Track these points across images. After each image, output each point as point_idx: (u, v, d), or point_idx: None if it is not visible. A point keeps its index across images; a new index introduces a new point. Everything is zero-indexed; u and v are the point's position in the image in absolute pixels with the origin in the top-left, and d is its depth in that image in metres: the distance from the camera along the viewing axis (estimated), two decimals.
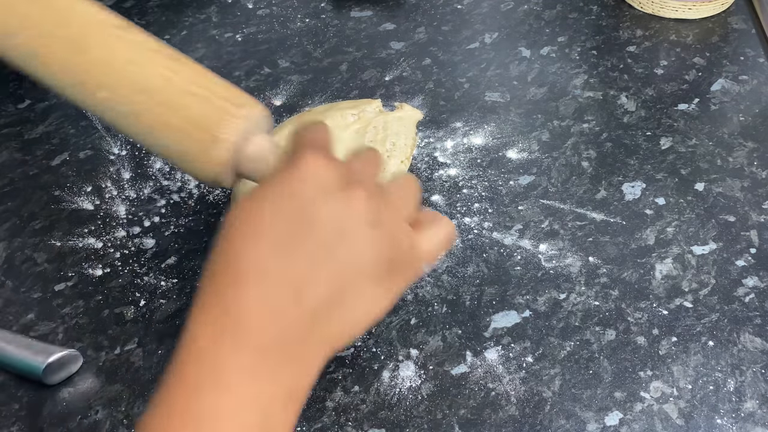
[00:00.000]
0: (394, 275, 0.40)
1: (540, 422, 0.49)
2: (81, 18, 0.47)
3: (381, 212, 0.39)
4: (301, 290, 0.37)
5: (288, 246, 0.37)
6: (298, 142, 0.42)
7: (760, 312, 0.54)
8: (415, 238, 0.41)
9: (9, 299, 0.58)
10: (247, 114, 0.45)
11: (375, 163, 0.43)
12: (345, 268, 0.38)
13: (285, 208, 0.38)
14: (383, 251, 0.39)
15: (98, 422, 0.51)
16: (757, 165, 0.64)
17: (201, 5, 0.83)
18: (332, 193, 0.39)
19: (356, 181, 0.40)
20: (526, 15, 0.80)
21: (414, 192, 0.43)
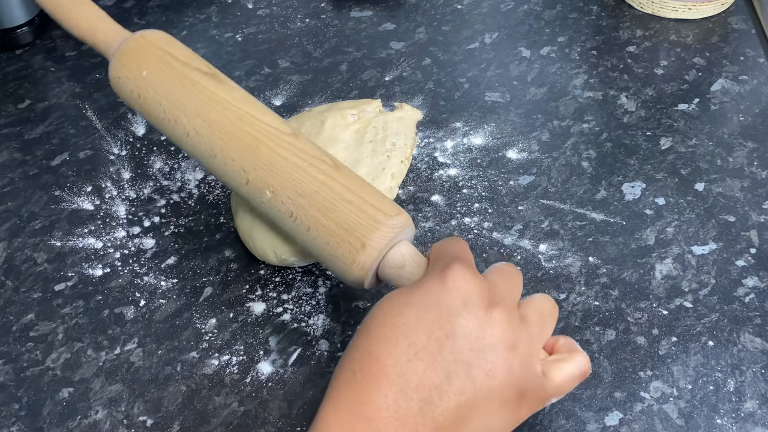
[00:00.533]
0: (522, 401, 0.40)
1: (540, 422, 0.49)
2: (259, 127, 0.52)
3: (518, 336, 0.40)
4: (432, 401, 0.38)
5: (426, 355, 0.38)
6: (445, 253, 0.43)
7: (760, 312, 0.54)
8: (548, 367, 0.42)
9: (9, 299, 0.58)
10: (394, 224, 0.48)
11: (518, 284, 0.43)
12: (477, 386, 0.38)
13: (428, 317, 0.39)
14: (516, 376, 0.39)
15: (98, 422, 0.51)
16: (757, 165, 0.64)
17: (201, 5, 0.83)
18: (475, 310, 0.39)
19: (499, 301, 0.40)
20: (526, 15, 0.80)
21: (553, 318, 0.43)
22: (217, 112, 0.53)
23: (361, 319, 0.55)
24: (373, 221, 0.48)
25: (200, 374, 0.53)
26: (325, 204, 0.49)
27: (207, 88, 0.54)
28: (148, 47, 0.56)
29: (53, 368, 0.54)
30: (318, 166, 0.50)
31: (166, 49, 0.56)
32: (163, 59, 0.56)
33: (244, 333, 0.55)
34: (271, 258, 0.57)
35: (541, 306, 0.43)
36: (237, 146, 0.52)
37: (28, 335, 0.56)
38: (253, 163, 0.51)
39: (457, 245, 0.44)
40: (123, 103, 0.72)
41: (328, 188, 0.49)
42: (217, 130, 0.52)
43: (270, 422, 0.50)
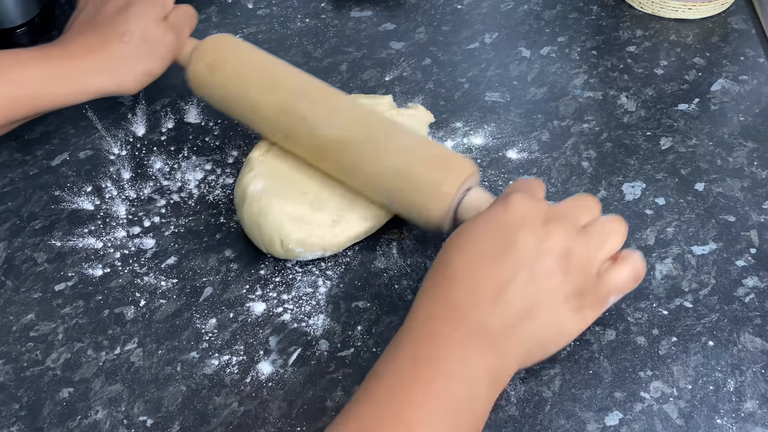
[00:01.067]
0: (584, 302, 0.47)
1: (540, 422, 0.49)
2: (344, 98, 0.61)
3: (575, 245, 0.47)
4: (501, 293, 0.45)
5: (492, 258, 0.45)
6: (512, 188, 0.51)
7: (760, 312, 0.54)
8: (605, 272, 0.48)
9: (9, 299, 0.58)
10: (472, 163, 0.55)
11: (587, 206, 0.50)
12: (538, 285, 0.45)
13: (492, 230, 0.47)
14: (572, 276, 0.46)
15: (98, 422, 0.51)
16: (757, 165, 0.64)
17: (201, 5, 0.83)
18: (533, 224, 0.46)
19: (556, 218, 0.47)
20: (526, 15, 0.80)
21: (617, 233, 0.49)
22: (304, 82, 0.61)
23: (361, 319, 0.55)
24: (447, 171, 0.54)
25: (200, 374, 0.53)
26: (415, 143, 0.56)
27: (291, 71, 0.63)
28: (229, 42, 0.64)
29: (53, 368, 0.54)
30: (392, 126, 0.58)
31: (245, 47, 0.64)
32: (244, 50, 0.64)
33: (244, 333, 0.55)
34: (277, 248, 0.57)
35: (605, 224, 0.49)
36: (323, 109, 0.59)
37: (28, 335, 0.56)
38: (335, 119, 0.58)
39: (526, 182, 0.51)
40: (123, 102, 0.72)
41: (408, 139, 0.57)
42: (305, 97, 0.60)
43: (270, 422, 0.50)
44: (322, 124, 0.58)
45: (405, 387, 0.42)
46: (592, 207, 0.50)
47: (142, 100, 0.72)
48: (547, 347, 0.48)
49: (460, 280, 0.46)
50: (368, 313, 0.56)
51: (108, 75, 0.61)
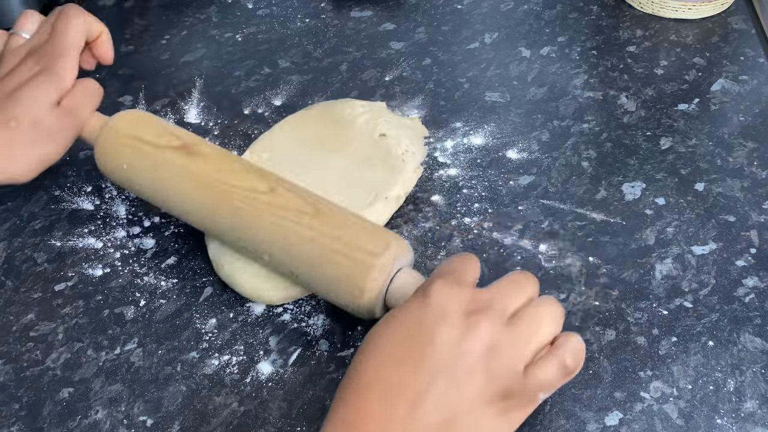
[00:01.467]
0: (509, 402, 0.42)
1: (540, 422, 0.49)
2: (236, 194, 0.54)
3: (500, 339, 0.42)
4: (417, 404, 0.40)
5: (408, 364, 0.41)
6: (438, 271, 0.46)
7: (760, 312, 0.54)
8: (532, 368, 0.43)
9: (9, 299, 0.58)
10: (383, 263, 0.49)
11: (519, 290, 0.45)
12: (459, 392, 0.41)
13: (408, 330, 0.42)
14: (495, 377, 0.42)
15: (98, 422, 0.51)
16: (757, 165, 0.64)
17: (201, 5, 0.83)
18: (453, 319, 0.42)
19: (481, 309, 0.42)
20: (526, 15, 0.80)
21: (551, 318, 0.44)
22: (194, 189, 0.55)
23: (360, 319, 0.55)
24: (364, 267, 0.49)
25: (200, 374, 0.53)
26: (318, 260, 0.51)
27: (178, 164, 0.56)
28: (117, 139, 0.58)
29: (53, 368, 0.54)
30: (301, 220, 0.52)
31: (134, 134, 0.58)
32: (134, 146, 0.58)
33: (244, 333, 0.55)
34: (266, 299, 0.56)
35: (537, 309, 0.44)
36: (222, 220, 0.54)
37: (28, 335, 0.56)
38: (241, 232, 0.54)
39: (455, 264, 0.46)
40: (123, 102, 0.72)
41: (316, 243, 0.51)
42: (201, 206, 0.55)
43: (270, 422, 0.50)
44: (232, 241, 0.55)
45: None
46: (526, 287, 0.45)
47: (142, 101, 0.72)
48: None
49: (372, 390, 0.41)
50: None
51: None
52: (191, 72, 0.75)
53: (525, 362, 0.43)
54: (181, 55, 0.77)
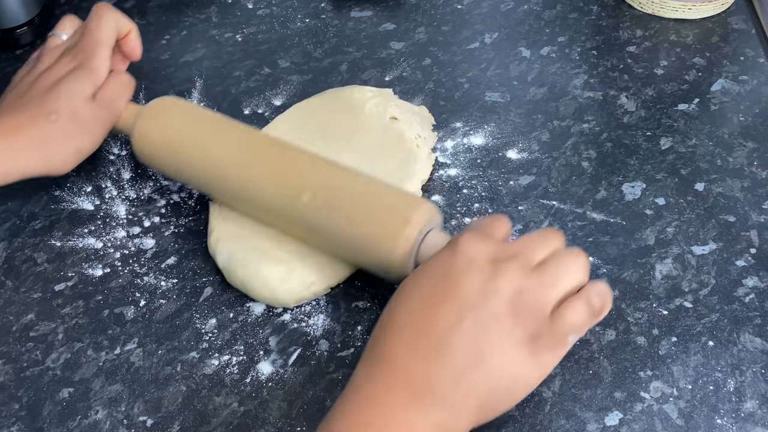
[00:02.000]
0: (539, 346, 0.44)
1: (540, 422, 0.49)
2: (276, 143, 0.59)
3: (526, 284, 0.44)
4: (444, 341, 0.42)
5: (434, 304, 0.43)
6: (468, 228, 0.48)
7: (760, 312, 0.54)
8: (561, 309, 0.44)
9: (9, 299, 0.58)
10: (431, 206, 0.52)
11: (543, 242, 0.46)
12: (485, 330, 0.43)
13: (438, 276, 0.45)
14: (522, 319, 0.43)
15: (98, 422, 0.51)
16: (757, 165, 0.64)
17: (201, 5, 0.83)
18: (480, 266, 0.44)
19: (507, 257, 0.45)
20: (526, 15, 0.80)
21: (576, 266, 0.46)
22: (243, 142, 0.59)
23: (361, 319, 0.55)
24: (413, 200, 0.52)
25: (200, 374, 0.53)
26: (365, 190, 0.53)
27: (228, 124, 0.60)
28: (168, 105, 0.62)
29: (53, 368, 0.54)
30: (345, 173, 0.55)
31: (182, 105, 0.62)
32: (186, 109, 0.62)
33: (244, 333, 0.55)
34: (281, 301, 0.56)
35: (563, 258, 0.46)
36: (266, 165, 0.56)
37: (28, 335, 0.56)
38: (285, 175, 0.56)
39: (486, 220, 0.49)
40: None
41: (363, 178, 0.54)
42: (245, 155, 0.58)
43: (270, 422, 0.50)
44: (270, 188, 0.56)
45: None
46: (553, 240, 0.47)
47: (142, 101, 0.72)
48: (505, 397, 0.44)
49: (401, 331, 0.43)
50: (368, 313, 0.56)
51: (34, 156, 0.58)
52: (191, 72, 0.75)
53: (551, 305, 0.44)
54: (181, 55, 0.77)
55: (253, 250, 0.56)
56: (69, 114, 0.59)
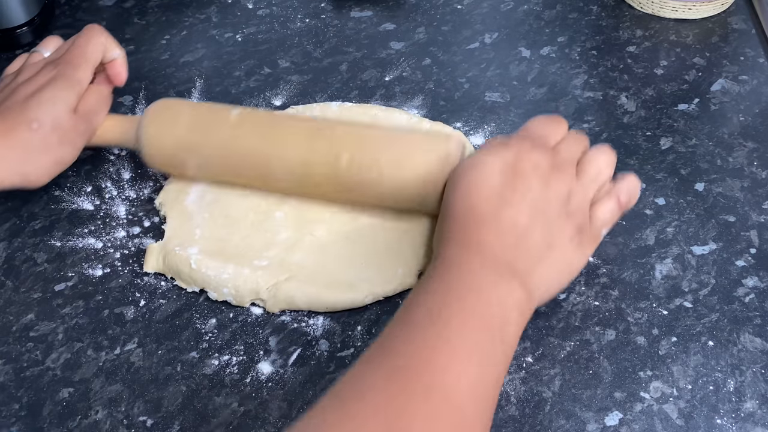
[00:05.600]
0: (582, 237, 0.52)
1: (540, 422, 0.49)
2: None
3: (574, 189, 0.52)
4: (523, 236, 0.49)
5: (511, 202, 0.50)
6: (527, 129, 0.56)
7: (760, 312, 0.54)
8: (594, 208, 0.53)
9: (9, 299, 0.58)
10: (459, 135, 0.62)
11: (582, 146, 0.55)
12: (551, 228, 0.50)
13: (505, 173, 0.51)
14: (573, 217, 0.51)
15: (98, 422, 0.51)
16: (757, 165, 0.64)
17: (201, 5, 0.83)
18: (542, 173, 0.51)
19: (559, 164, 0.52)
20: (526, 15, 0.80)
21: (607, 167, 0.54)
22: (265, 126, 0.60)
23: (361, 319, 0.55)
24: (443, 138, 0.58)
25: (200, 374, 0.53)
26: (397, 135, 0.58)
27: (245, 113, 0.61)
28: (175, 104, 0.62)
29: (53, 368, 0.54)
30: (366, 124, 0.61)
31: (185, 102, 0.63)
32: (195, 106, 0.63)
33: (244, 333, 0.55)
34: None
35: (596, 160, 0.54)
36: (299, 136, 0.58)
37: (28, 335, 0.56)
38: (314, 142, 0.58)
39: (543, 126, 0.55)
40: (123, 102, 0.72)
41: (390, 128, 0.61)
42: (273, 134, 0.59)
43: (270, 422, 0.50)
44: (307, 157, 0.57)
45: (445, 312, 0.44)
46: (583, 141, 0.55)
47: (142, 101, 0.72)
48: (561, 281, 0.52)
49: (486, 223, 0.49)
50: (368, 313, 0.56)
51: (11, 166, 0.57)
52: (191, 72, 0.75)
53: (590, 202, 0.53)
54: (181, 55, 0.77)
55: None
56: (51, 123, 0.57)
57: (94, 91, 0.61)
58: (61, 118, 0.58)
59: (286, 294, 0.55)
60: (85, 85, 0.60)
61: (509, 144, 0.53)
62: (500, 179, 0.50)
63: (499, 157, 0.51)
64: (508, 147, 0.52)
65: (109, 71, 0.64)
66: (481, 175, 0.51)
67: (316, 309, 0.55)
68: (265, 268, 0.56)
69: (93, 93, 0.61)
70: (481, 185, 0.50)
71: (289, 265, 0.56)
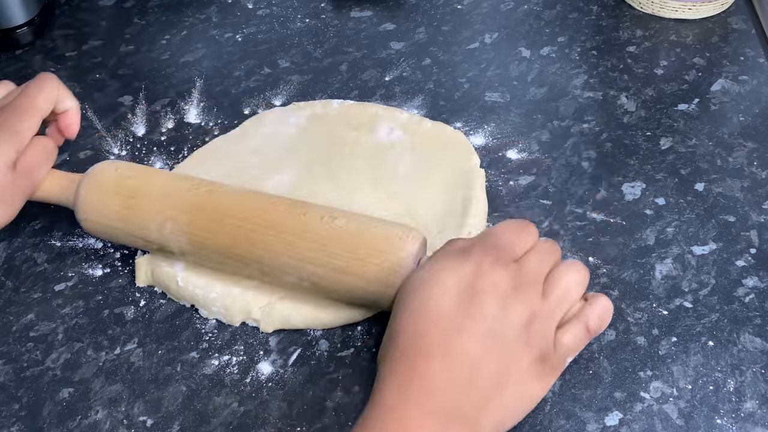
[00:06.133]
0: (545, 367, 0.47)
1: (540, 422, 0.49)
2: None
3: (537, 312, 0.46)
4: (477, 367, 0.44)
5: (467, 331, 0.44)
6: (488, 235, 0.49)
7: (760, 312, 0.54)
8: (560, 334, 0.48)
9: (9, 299, 0.58)
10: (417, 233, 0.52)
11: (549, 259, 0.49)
12: (508, 358, 0.45)
13: (460, 290, 0.46)
14: (534, 345, 0.46)
15: (98, 422, 0.51)
16: (757, 165, 0.64)
17: (201, 5, 0.83)
18: (503, 293, 0.46)
19: (524, 285, 0.47)
20: (526, 15, 0.80)
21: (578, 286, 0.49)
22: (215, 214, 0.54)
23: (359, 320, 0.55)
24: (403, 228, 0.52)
25: (200, 374, 0.53)
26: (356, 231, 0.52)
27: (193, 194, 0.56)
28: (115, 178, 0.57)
29: (53, 368, 0.54)
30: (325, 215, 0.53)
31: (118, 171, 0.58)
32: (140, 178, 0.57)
33: (244, 333, 0.55)
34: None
35: (566, 278, 0.48)
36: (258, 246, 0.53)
37: (28, 335, 0.56)
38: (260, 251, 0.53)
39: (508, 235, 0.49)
40: (123, 102, 0.72)
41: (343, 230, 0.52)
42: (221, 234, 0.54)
43: (270, 422, 0.50)
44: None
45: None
46: (554, 255, 0.50)
47: (142, 101, 0.72)
48: (516, 416, 0.47)
49: (434, 355, 0.44)
50: None
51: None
52: (191, 72, 0.75)
53: (555, 329, 0.47)
54: (181, 55, 0.77)
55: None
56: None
57: (37, 144, 0.57)
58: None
59: (281, 314, 0.54)
60: (28, 138, 0.56)
61: (469, 256, 0.47)
62: (454, 301, 0.45)
63: (455, 273, 0.46)
64: (467, 260, 0.47)
65: (61, 123, 0.60)
66: (433, 296, 0.46)
67: (312, 327, 0.55)
68: (256, 287, 0.55)
69: (36, 146, 0.56)
70: (432, 308, 0.45)
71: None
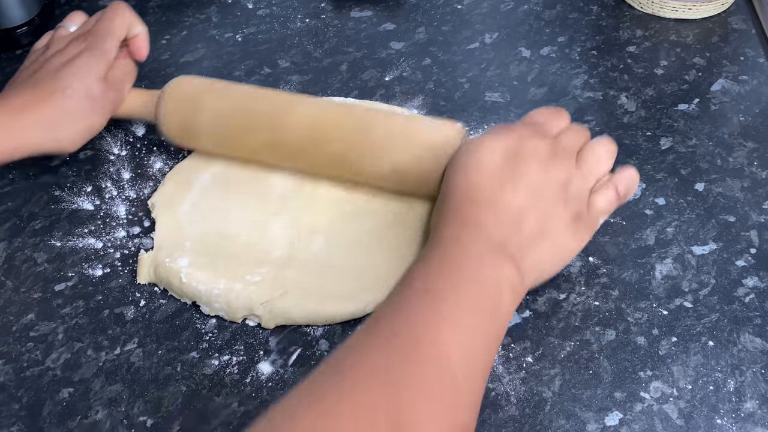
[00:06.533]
0: (579, 225, 0.52)
1: (540, 422, 0.49)
2: None
3: (572, 175, 0.53)
4: (519, 218, 0.50)
5: (511, 186, 0.51)
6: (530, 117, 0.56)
7: (760, 312, 0.54)
8: (593, 197, 0.53)
9: (9, 299, 0.58)
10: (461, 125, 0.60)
11: (583, 136, 0.55)
12: (548, 213, 0.51)
13: (506, 156, 0.52)
14: (570, 204, 0.52)
15: (98, 422, 0.51)
16: (757, 165, 0.64)
17: (201, 5, 0.83)
18: (542, 158, 0.52)
19: (559, 152, 0.53)
20: (526, 15, 0.80)
21: (608, 156, 0.55)
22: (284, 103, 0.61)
23: (361, 319, 0.55)
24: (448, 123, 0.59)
25: (200, 374, 0.53)
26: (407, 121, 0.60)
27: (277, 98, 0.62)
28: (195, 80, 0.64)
29: (53, 368, 0.54)
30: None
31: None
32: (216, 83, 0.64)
33: (244, 333, 0.55)
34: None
35: (597, 151, 0.54)
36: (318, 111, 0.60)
37: (28, 335, 0.56)
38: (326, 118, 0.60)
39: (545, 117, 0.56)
40: None
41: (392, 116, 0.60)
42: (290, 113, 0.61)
43: None
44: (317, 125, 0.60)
45: (441, 287, 0.45)
46: (585, 133, 0.56)
47: None
48: (555, 266, 0.52)
49: (485, 204, 0.50)
50: None
51: (45, 132, 0.60)
52: (191, 72, 0.75)
53: (588, 191, 0.53)
54: (181, 55, 0.77)
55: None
56: (84, 91, 0.61)
57: (121, 63, 0.65)
58: (92, 86, 0.61)
59: (282, 309, 0.54)
60: (113, 57, 0.64)
61: (511, 129, 0.54)
62: (501, 161, 0.51)
63: (500, 140, 0.52)
64: (510, 132, 0.53)
65: (132, 46, 0.67)
66: (483, 156, 0.52)
67: (314, 323, 0.55)
68: (258, 283, 0.55)
69: (120, 64, 0.65)
70: (482, 166, 0.51)
71: (283, 280, 0.55)
